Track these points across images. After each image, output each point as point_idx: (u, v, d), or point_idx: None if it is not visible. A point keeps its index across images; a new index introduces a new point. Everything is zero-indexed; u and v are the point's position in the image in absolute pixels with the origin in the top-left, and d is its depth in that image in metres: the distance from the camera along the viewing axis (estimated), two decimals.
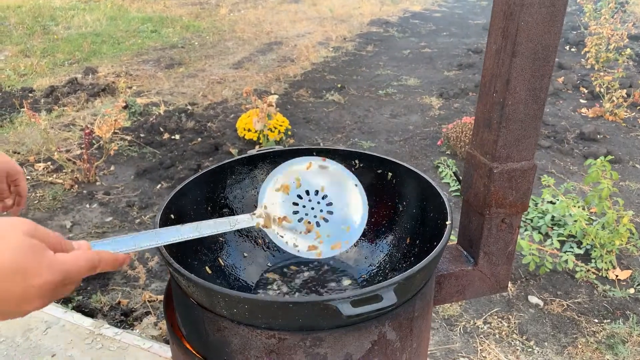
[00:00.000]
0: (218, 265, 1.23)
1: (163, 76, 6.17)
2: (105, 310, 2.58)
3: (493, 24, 1.04)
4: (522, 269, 2.85)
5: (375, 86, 5.93)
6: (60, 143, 4.37)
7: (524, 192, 1.14)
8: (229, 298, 0.87)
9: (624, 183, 3.80)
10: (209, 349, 0.99)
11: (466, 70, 6.46)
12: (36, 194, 3.63)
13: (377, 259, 1.29)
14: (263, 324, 0.90)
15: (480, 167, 1.14)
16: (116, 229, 3.26)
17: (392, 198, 1.30)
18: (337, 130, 4.71)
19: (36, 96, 5.44)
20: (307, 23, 9.03)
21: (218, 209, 1.29)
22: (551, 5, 0.96)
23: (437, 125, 4.79)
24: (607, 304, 2.64)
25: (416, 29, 8.87)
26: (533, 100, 1.05)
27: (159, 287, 2.75)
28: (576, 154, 4.24)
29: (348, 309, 0.82)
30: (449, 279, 1.21)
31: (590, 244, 2.94)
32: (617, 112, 4.85)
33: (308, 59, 6.98)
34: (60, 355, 2.19)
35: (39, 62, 6.57)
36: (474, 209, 1.19)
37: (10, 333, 2.30)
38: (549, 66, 1.03)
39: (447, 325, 2.52)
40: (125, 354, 2.20)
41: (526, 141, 1.09)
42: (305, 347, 0.91)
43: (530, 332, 2.48)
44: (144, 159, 4.18)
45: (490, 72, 1.07)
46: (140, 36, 8.02)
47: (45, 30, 8.23)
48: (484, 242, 1.19)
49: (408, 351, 1.01)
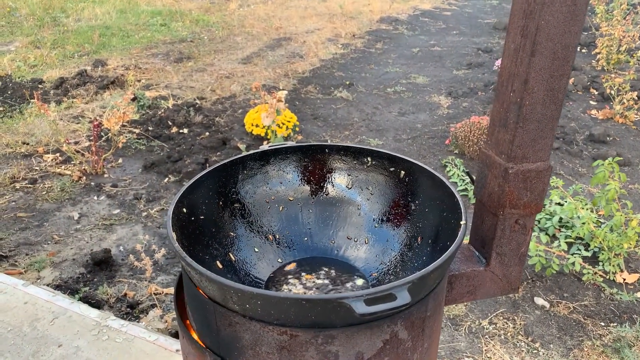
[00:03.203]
0: (229, 260, 1.23)
1: (172, 70, 6.17)
2: (111, 302, 2.59)
3: (512, 23, 1.03)
4: (529, 270, 2.84)
5: (383, 84, 5.91)
6: (69, 135, 4.38)
7: (539, 193, 1.13)
8: (241, 293, 0.87)
9: (633, 186, 3.78)
10: (220, 343, 0.99)
11: (475, 69, 6.43)
12: (44, 185, 3.65)
13: (388, 258, 1.28)
14: (275, 320, 0.90)
15: (495, 167, 1.13)
16: (123, 221, 3.27)
17: (405, 196, 1.29)
18: (345, 128, 4.70)
19: (46, 87, 5.45)
20: (317, 19, 9.00)
21: (229, 204, 1.29)
22: (572, 4, 0.95)
23: (445, 124, 4.77)
24: (614, 307, 2.62)
25: (426, 27, 8.83)
26: (551, 100, 1.04)
27: (165, 280, 2.76)
28: (585, 155, 4.21)
29: (361, 307, 0.82)
30: (461, 279, 1.21)
31: (598, 247, 2.92)
32: (627, 114, 4.82)
33: (317, 55, 6.96)
34: (66, 346, 2.20)
35: (49, 54, 6.58)
36: (488, 209, 1.18)
37: (18, 323, 2.31)
38: (568, 66, 1.02)
39: (453, 325, 2.51)
40: (131, 345, 2.21)
41: (542, 142, 1.08)
42: (317, 345, 0.90)
43: (535, 333, 2.47)
44: (152, 152, 4.19)
45: (507, 71, 1.06)
46: (150, 29, 8.02)
47: (55, 22, 8.25)
48: (496, 243, 1.18)
49: (419, 351, 1.01)
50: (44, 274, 2.78)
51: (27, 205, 3.41)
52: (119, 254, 2.96)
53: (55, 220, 3.26)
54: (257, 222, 1.32)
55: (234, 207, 1.29)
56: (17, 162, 3.93)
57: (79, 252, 2.96)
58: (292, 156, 1.34)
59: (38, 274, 2.78)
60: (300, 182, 1.37)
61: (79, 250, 2.98)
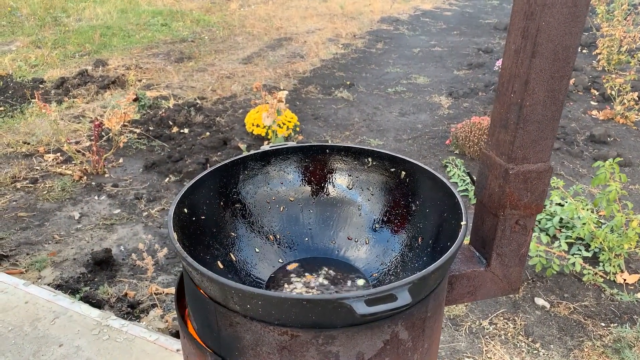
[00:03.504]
0: (230, 260, 1.23)
1: (173, 70, 6.17)
2: (112, 302, 2.59)
3: (513, 24, 1.03)
4: (529, 270, 2.84)
5: (384, 84, 5.92)
6: (70, 134, 4.38)
7: (539, 194, 1.13)
8: (242, 293, 0.87)
9: (633, 187, 3.78)
10: (221, 343, 0.99)
11: (476, 69, 6.43)
12: (45, 184, 3.65)
13: (389, 258, 1.28)
14: (276, 321, 0.90)
15: (495, 167, 1.13)
16: (124, 221, 3.27)
17: (405, 197, 1.29)
18: (346, 128, 4.70)
19: (47, 87, 5.46)
20: (318, 19, 9.00)
21: (230, 204, 1.29)
22: (573, 6, 0.95)
23: (445, 125, 4.77)
24: (614, 308, 2.62)
25: (426, 27, 8.83)
26: (551, 101, 1.04)
27: (166, 280, 2.76)
28: (586, 156, 4.21)
29: (362, 308, 0.82)
30: (461, 279, 1.21)
31: (598, 247, 2.92)
32: (628, 115, 4.82)
33: (317, 55, 6.96)
34: (67, 345, 2.20)
35: (50, 54, 6.59)
36: (488, 210, 1.18)
37: (19, 322, 2.31)
38: (569, 67, 1.02)
39: (453, 325, 2.52)
40: (131, 345, 2.21)
41: (543, 143, 1.08)
42: (318, 345, 0.91)
43: (536, 334, 2.47)
44: (153, 152, 4.19)
45: (508, 72, 1.06)
46: (151, 29, 8.03)
47: (56, 21, 8.26)
48: (497, 244, 1.18)
49: (419, 351, 1.01)
50: (45, 273, 2.78)
51: (28, 204, 3.42)
52: (120, 253, 2.96)
53: (56, 220, 3.27)
54: (258, 222, 1.33)
55: (235, 207, 1.29)
56: (18, 162, 3.93)
57: (79, 252, 2.96)
58: (293, 156, 1.34)
59: (39, 273, 2.78)
60: (301, 182, 1.37)
61: (80, 250, 2.98)
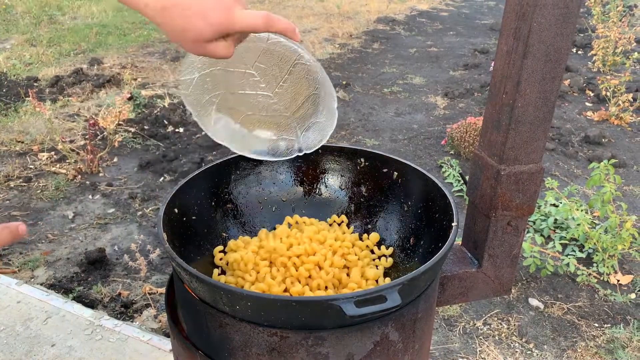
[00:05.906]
0: None
1: (168, 69, 6.16)
2: (105, 302, 2.58)
3: (505, 25, 1.03)
4: (523, 271, 2.84)
5: (380, 84, 5.92)
6: (65, 133, 4.37)
7: (531, 195, 1.13)
8: (231, 294, 0.87)
9: (627, 188, 3.79)
10: (210, 344, 0.99)
11: (472, 70, 6.44)
12: (39, 183, 3.63)
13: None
14: (265, 322, 0.90)
15: (487, 168, 1.13)
16: (118, 220, 3.26)
17: (398, 197, 1.29)
18: (341, 128, 4.70)
19: (41, 86, 5.44)
20: (314, 19, 9.00)
21: (222, 204, 1.28)
22: (565, 7, 0.95)
23: (441, 125, 4.77)
24: (607, 309, 2.63)
25: (423, 27, 8.84)
26: (543, 102, 1.04)
27: (160, 280, 2.75)
28: (580, 157, 4.22)
29: (352, 309, 0.82)
30: (453, 280, 1.21)
31: (592, 248, 2.93)
32: (622, 116, 4.83)
33: (314, 55, 6.95)
34: (59, 345, 2.19)
35: (45, 52, 6.56)
36: (480, 211, 1.18)
37: (11, 322, 2.30)
38: (560, 69, 1.02)
39: (447, 326, 2.52)
40: (124, 345, 2.20)
41: (535, 144, 1.08)
42: (307, 346, 0.90)
43: (530, 334, 2.47)
44: (148, 151, 4.18)
45: (500, 73, 1.06)
46: (147, 28, 8.00)
47: (51, 19, 8.23)
48: (488, 245, 1.18)
49: (410, 352, 1.01)
50: (38, 273, 2.77)
51: (21, 204, 3.40)
52: (114, 253, 2.95)
53: (49, 219, 3.25)
54: (249, 222, 1.32)
55: (226, 207, 1.29)
56: (12, 161, 3.91)
57: (73, 251, 2.95)
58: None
59: (32, 273, 2.77)
60: (293, 183, 1.37)
61: (73, 250, 2.97)
